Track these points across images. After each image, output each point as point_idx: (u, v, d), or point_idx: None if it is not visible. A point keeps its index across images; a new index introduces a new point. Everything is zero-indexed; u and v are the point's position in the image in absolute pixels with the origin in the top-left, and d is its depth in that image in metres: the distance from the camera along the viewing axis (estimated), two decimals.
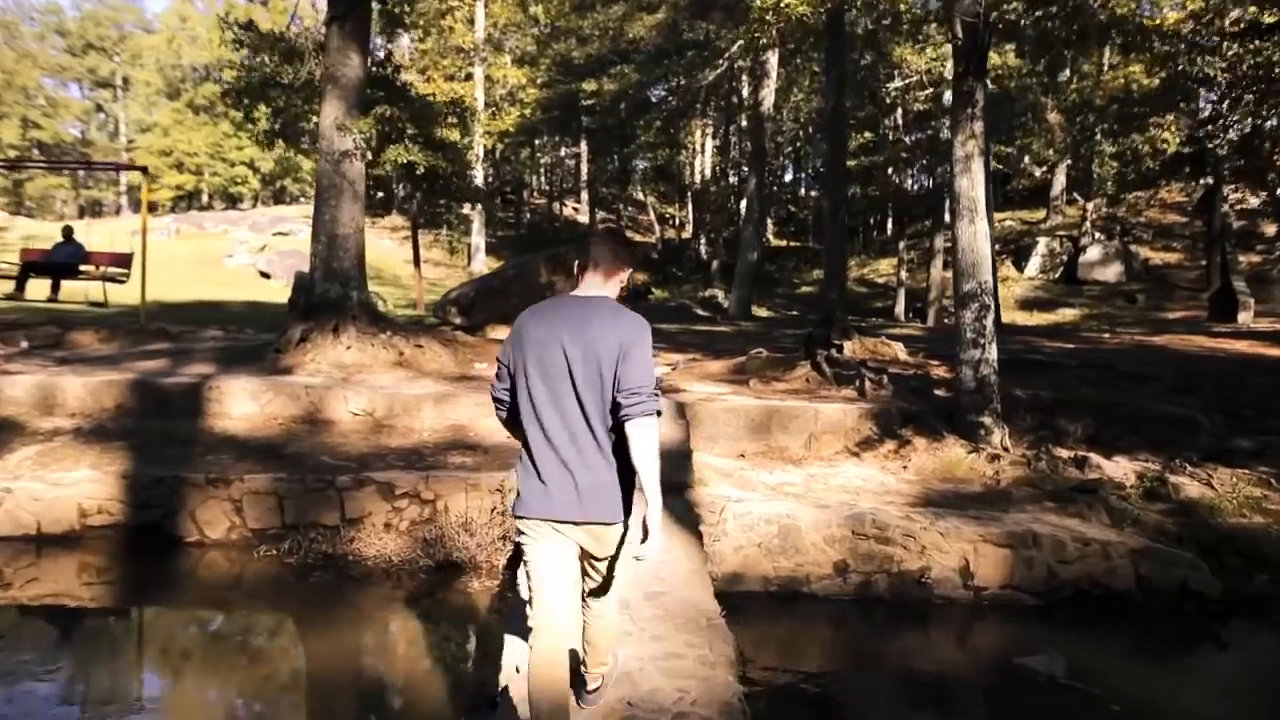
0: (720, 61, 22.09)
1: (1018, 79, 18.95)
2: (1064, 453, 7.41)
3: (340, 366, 9.09)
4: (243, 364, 9.13)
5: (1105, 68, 20.55)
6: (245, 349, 9.91)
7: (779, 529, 5.63)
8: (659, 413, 2.46)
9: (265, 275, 28.45)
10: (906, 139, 22.12)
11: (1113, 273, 26.41)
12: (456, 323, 17.86)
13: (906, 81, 20.63)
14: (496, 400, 2.72)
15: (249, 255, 30.99)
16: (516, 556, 4.44)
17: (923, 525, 5.66)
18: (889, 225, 39.08)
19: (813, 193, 43.62)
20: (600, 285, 2.63)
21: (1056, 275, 26.97)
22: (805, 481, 6.78)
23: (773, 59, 22.36)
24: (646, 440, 2.44)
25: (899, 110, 24.16)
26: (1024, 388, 8.68)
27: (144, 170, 12.19)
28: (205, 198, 53.85)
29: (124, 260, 11.78)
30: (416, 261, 21.17)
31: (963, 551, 5.55)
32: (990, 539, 5.56)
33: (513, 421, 2.70)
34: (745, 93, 31.18)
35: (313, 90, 10.27)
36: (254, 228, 39.14)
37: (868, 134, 23.85)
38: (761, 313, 26.17)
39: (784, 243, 41.25)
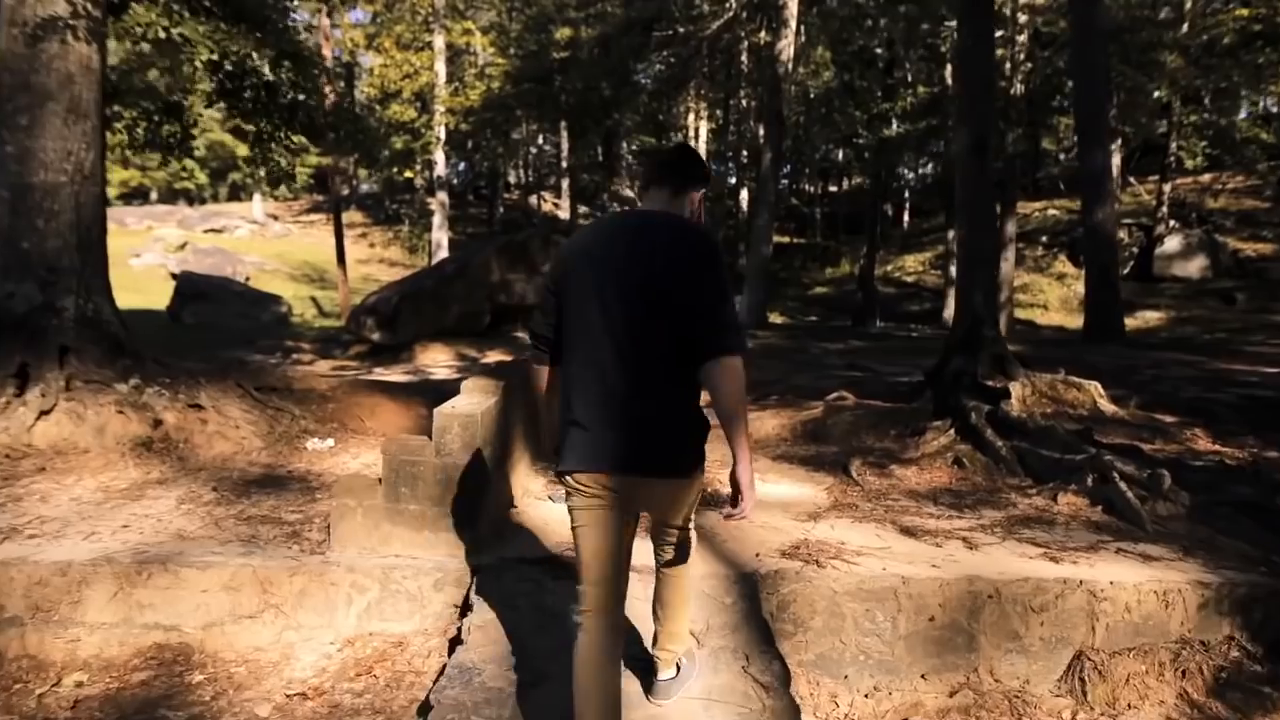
0: (728, 3, 17.46)
1: (1131, 8, 14.45)
2: None
3: (13, 453, 4.34)
4: None
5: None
6: None
7: None
8: (743, 347, 2.00)
9: (176, 277, 23.54)
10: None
11: (1195, 267, 22.16)
12: (374, 339, 12.88)
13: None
14: (535, 336, 2.17)
15: (162, 254, 25.96)
16: None
17: None
18: (905, 216, 35.12)
19: (816, 188, 39.53)
20: (665, 201, 2.15)
21: (1126, 271, 22.61)
22: None
23: (792, 4, 17.88)
24: (731, 382, 1.97)
25: (947, 68, 19.61)
26: None
27: None
28: (154, 195, 48.66)
29: None
30: (340, 257, 16.31)
31: None
32: None
33: (550, 361, 2.16)
34: (747, 63, 26.85)
35: None
36: (183, 224, 34.21)
37: (922, 89, 19.18)
38: (776, 319, 21.69)
39: (786, 239, 36.84)
